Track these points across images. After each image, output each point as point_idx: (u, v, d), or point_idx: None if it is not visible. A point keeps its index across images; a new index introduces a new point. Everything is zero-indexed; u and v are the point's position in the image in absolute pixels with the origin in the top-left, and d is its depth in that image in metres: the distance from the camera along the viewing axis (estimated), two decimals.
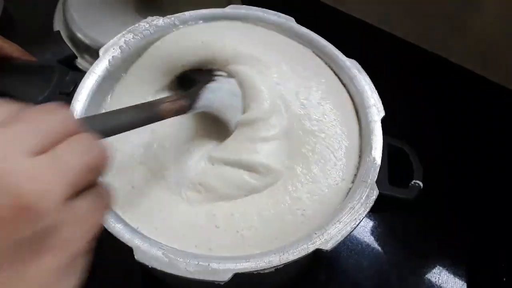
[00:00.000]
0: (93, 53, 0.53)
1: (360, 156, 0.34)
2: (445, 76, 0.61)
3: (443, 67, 0.61)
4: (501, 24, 0.54)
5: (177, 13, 0.53)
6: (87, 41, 0.53)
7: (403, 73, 0.60)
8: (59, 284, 0.18)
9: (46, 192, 0.17)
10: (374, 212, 0.44)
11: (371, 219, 0.50)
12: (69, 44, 0.54)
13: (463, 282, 0.47)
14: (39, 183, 0.17)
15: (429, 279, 0.47)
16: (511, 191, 0.51)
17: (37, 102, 0.35)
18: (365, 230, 0.49)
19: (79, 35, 0.53)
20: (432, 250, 0.49)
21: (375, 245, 0.48)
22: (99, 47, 0.52)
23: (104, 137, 0.23)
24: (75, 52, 0.54)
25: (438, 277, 0.47)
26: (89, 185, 0.20)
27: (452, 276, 0.47)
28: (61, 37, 0.55)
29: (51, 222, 0.17)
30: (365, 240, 0.48)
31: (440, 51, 0.61)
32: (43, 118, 0.18)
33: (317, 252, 0.29)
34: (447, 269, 0.48)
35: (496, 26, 0.54)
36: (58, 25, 0.57)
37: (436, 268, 0.48)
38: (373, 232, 0.49)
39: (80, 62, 0.54)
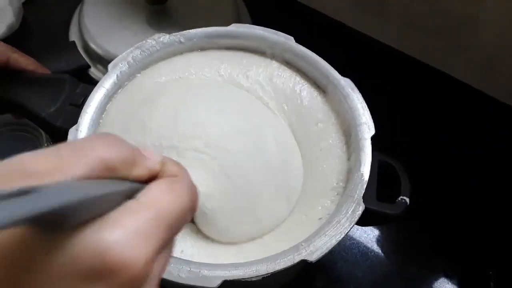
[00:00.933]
0: (106, 64, 0.55)
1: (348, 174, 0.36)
2: (443, 90, 0.62)
3: (442, 81, 0.62)
4: (499, 42, 0.54)
5: (187, 26, 0.56)
6: (100, 52, 0.56)
7: (400, 86, 0.62)
8: None
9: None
10: (361, 225, 0.46)
11: (366, 231, 0.51)
12: (83, 54, 0.58)
13: None
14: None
15: None
16: (500, 201, 0.52)
17: (48, 112, 0.38)
18: (360, 241, 0.50)
19: (93, 46, 0.56)
20: (425, 261, 0.50)
21: (369, 256, 0.50)
22: (112, 58, 0.55)
23: None
24: (89, 62, 0.57)
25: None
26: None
27: (445, 286, 0.48)
28: (76, 47, 0.58)
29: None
30: (360, 250, 0.50)
31: (439, 65, 0.62)
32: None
33: (303, 263, 0.31)
34: (440, 280, 0.49)
35: (494, 44, 0.55)
36: (73, 35, 0.60)
37: (429, 278, 0.49)
38: (368, 243, 0.50)
39: (93, 71, 0.57)
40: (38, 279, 0.16)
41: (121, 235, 0.17)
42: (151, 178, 0.20)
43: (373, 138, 0.37)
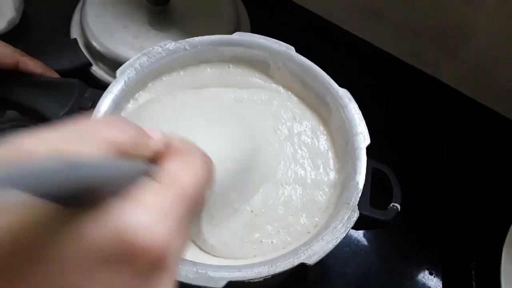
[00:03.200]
0: (108, 62, 0.57)
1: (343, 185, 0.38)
2: (437, 97, 0.64)
3: (436, 88, 0.64)
4: (491, 52, 0.57)
5: (188, 27, 0.57)
6: (102, 50, 0.56)
7: (395, 91, 0.64)
8: None
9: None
10: (355, 229, 0.49)
11: (356, 232, 0.54)
12: (85, 52, 0.58)
13: None
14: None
15: (406, 286, 0.52)
16: (481, 202, 0.56)
17: (58, 116, 0.39)
18: (351, 240, 0.53)
19: (95, 44, 0.57)
20: (412, 258, 0.53)
21: (359, 254, 0.53)
22: (114, 57, 0.56)
23: None
24: (90, 60, 0.58)
25: (415, 285, 0.51)
26: None
27: (429, 284, 0.52)
28: (77, 44, 0.59)
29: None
30: (351, 249, 0.53)
31: (433, 72, 0.64)
32: None
33: (301, 266, 0.33)
34: (425, 276, 0.52)
35: (486, 54, 0.57)
36: (75, 33, 0.60)
37: (414, 274, 0.52)
38: (359, 242, 0.53)
39: (95, 69, 0.58)
40: (52, 264, 0.15)
41: (144, 215, 0.16)
42: (157, 158, 0.20)
43: (367, 146, 0.40)
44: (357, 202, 0.36)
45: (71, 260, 0.15)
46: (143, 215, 0.16)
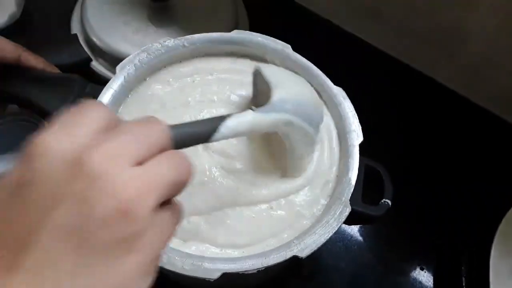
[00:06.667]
0: (107, 58, 0.58)
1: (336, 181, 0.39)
2: (431, 96, 0.65)
3: (430, 87, 0.65)
4: (486, 53, 0.58)
5: (187, 24, 0.58)
6: (102, 46, 0.57)
7: (389, 89, 0.65)
8: (140, 280, 0.21)
9: (143, 200, 0.20)
10: (348, 224, 0.50)
11: (350, 226, 0.55)
12: (85, 47, 0.59)
13: (430, 285, 0.53)
14: (138, 191, 0.20)
15: (398, 281, 0.53)
16: (474, 203, 0.57)
17: (58, 111, 0.40)
18: (344, 235, 0.54)
19: (95, 40, 0.57)
20: (404, 254, 0.55)
21: (352, 249, 0.54)
22: (114, 53, 0.57)
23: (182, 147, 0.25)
24: (91, 55, 0.59)
25: (407, 280, 0.53)
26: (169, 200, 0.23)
27: (420, 279, 0.53)
28: (77, 40, 0.60)
29: (141, 227, 0.20)
30: (344, 244, 0.54)
31: (428, 71, 0.65)
32: (144, 132, 0.21)
33: (294, 258, 0.34)
34: (416, 271, 0.53)
35: (481, 55, 0.58)
36: (75, 28, 0.61)
37: (406, 269, 0.54)
38: (352, 237, 0.54)
39: (95, 65, 0.59)
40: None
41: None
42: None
43: (361, 143, 0.40)
44: (349, 198, 0.37)
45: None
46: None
